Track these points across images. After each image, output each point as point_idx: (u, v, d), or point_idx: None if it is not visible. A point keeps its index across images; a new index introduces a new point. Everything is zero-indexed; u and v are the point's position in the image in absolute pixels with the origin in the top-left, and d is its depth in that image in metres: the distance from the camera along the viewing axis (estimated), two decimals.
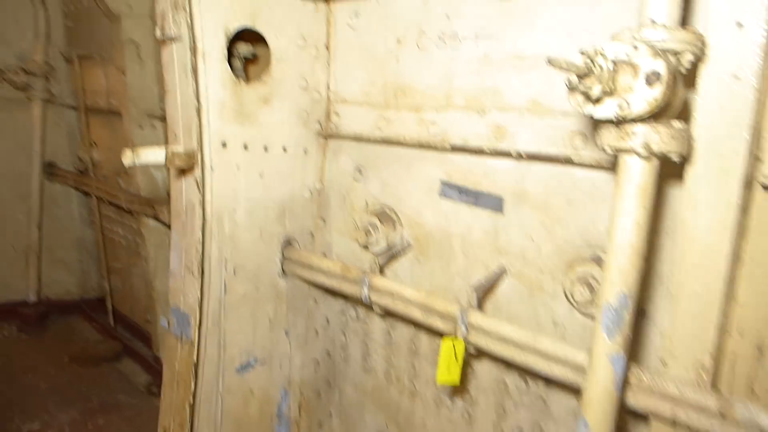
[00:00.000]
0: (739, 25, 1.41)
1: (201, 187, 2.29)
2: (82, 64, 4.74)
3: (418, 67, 2.38)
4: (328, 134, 2.75)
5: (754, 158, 1.54)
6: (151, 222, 4.16)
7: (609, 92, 1.30)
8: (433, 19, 2.29)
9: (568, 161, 1.94)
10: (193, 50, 2.15)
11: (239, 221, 2.52)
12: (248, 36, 2.48)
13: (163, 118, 4.08)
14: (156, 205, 3.88)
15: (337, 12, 2.64)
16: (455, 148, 2.26)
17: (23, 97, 4.94)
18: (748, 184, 1.54)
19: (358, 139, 2.63)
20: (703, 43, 1.41)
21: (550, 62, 1.21)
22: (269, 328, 2.75)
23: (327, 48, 2.70)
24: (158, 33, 2.14)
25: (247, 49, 2.66)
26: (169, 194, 3.64)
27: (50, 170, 5.24)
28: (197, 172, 2.26)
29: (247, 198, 2.53)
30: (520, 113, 2.07)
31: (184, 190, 2.34)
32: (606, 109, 1.34)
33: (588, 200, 1.99)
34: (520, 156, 2.07)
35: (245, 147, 2.48)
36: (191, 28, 2.14)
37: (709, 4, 1.42)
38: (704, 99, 1.47)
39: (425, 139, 2.36)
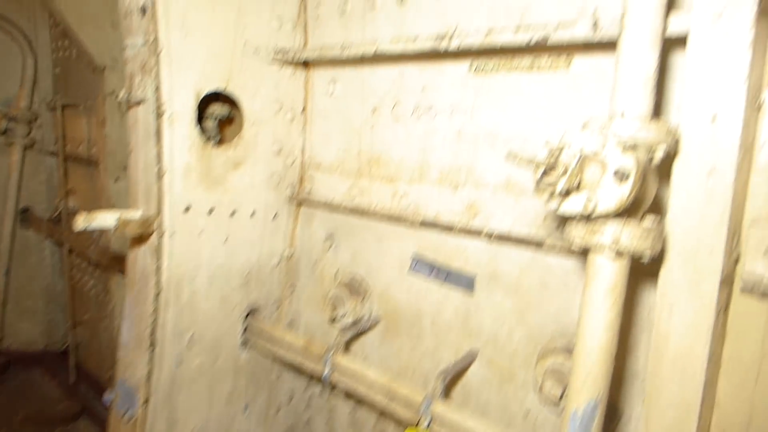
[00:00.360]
0: (714, 118, 1.34)
1: (158, 254, 2.17)
2: (67, 112, 4.69)
3: (393, 137, 2.31)
4: (300, 200, 2.66)
5: (732, 257, 1.45)
6: (120, 277, 3.99)
7: (575, 188, 1.22)
8: (409, 90, 2.24)
9: (541, 245, 1.85)
10: (158, 113, 2.08)
11: (199, 289, 2.39)
12: (225, 96, 2.43)
13: None
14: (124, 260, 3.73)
15: (315, 78, 2.60)
16: (428, 223, 2.17)
17: (4, 142, 4.86)
18: (726, 283, 1.44)
19: (331, 206, 2.54)
20: (676, 136, 1.34)
21: (509, 157, 1.13)
22: (226, 403, 2.57)
23: (304, 112, 2.65)
24: (122, 95, 2.06)
25: (221, 110, 2.60)
26: None
27: (25, 216, 5.10)
28: (154, 238, 2.15)
29: (210, 264, 2.41)
30: (494, 191, 1.99)
31: (139, 257, 2.22)
32: (572, 205, 1.25)
33: (562, 287, 1.88)
34: (492, 236, 1.97)
35: (210, 212, 2.38)
36: (157, 91, 2.07)
37: (683, 96, 1.36)
38: (678, 194, 1.39)
39: (398, 212, 2.27)
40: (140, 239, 2.17)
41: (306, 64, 2.59)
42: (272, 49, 2.46)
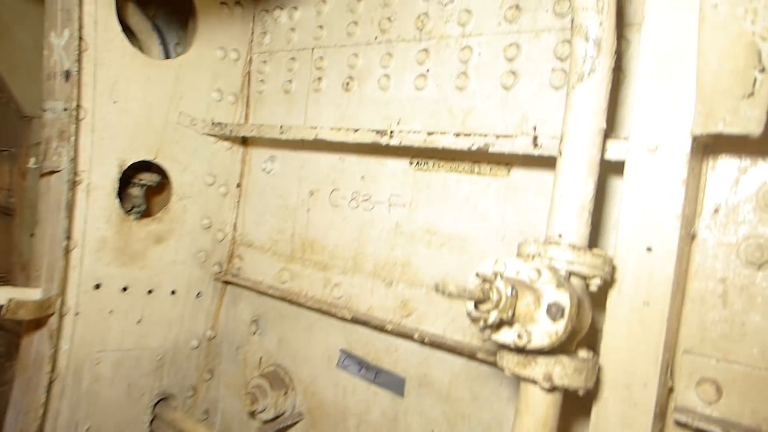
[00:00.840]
0: (649, 249, 1.31)
1: (56, 337, 1.94)
2: None
3: (329, 223, 2.21)
4: (228, 278, 2.49)
5: (665, 389, 1.40)
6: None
7: (508, 320, 1.14)
8: (348, 177, 2.16)
9: (472, 356, 1.75)
10: (72, 184, 1.91)
11: (103, 375, 2.15)
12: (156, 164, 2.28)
13: None
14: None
15: (254, 154, 2.50)
16: (359, 318, 2.04)
17: None
18: (660, 418, 1.38)
19: (260, 288, 2.37)
20: (612, 266, 1.30)
21: (438, 288, 1.04)
22: None
23: (239, 187, 2.52)
24: (31, 162, 1.89)
25: (151, 178, 2.45)
26: None
27: None
28: (53, 320, 1.92)
29: (118, 347, 2.19)
30: (429, 292, 1.91)
31: (34, 340, 1.98)
32: (504, 336, 1.17)
33: (494, 398, 1.78)
34: (425, 339, 1.87)
35: (124, 289, 2.18)
36: (74, 160, 1.91)
37: (618, 226, 1.33)
38: (613, 325, 1.33)
39: (329, 302, 2.14)
40: (37, 322, 1.94)
41: (245, 140, 2.49)
42: (209, 122, 2.36)
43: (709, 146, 1.40)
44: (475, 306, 1.13)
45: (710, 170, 1.44)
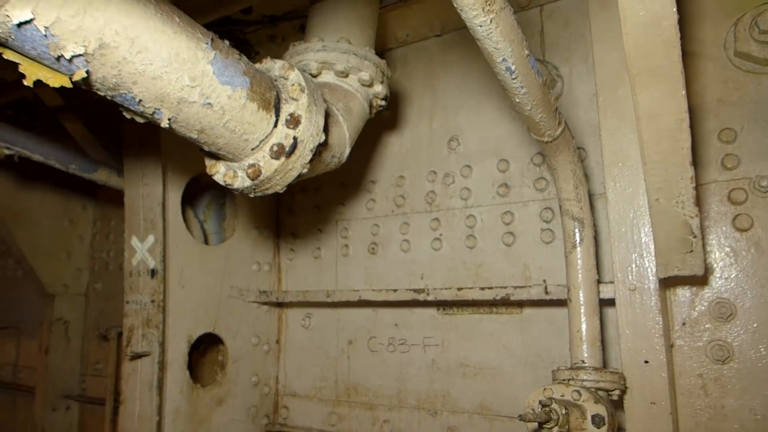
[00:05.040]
0: (646, 362, 1.80)
1: None
2: None
3: (370, 367, 2.60)
4: (276, 429, 2.77)
5: None
6: None
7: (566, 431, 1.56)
8: (383, 326, 2.59)
9: None
10: (161, 365, 2.25)
11: None
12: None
13: (79, 399, 3.85)
14: None
15: (290, 312, 2.90)
16: None
17: None
18: None
19: None
20: (624, 379, 1.77)
21: (522, 418, 1.47)
22: None
23: (278, 343, 2.89)
24: (127, 348, 2.22)
25: (199, 346, 2.78)
26: None
27: None
28: None
29: None
30: (470, 416, 2.29)
31: None
32: None
33: None
34: None
35: None
36: (162, 344, 2.26)
37: (621, 347, 1.82)
38: (632, 423, 1.77)
39: None
40: None
41: (281, 303, 2.90)
42: (255, 291, 2.77)
43: (670, 282, 1.95)
44: (540, 426, 1.55)
45: (674, 296, 1.99)
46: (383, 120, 2.68)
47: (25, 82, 1.03)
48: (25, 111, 3.31)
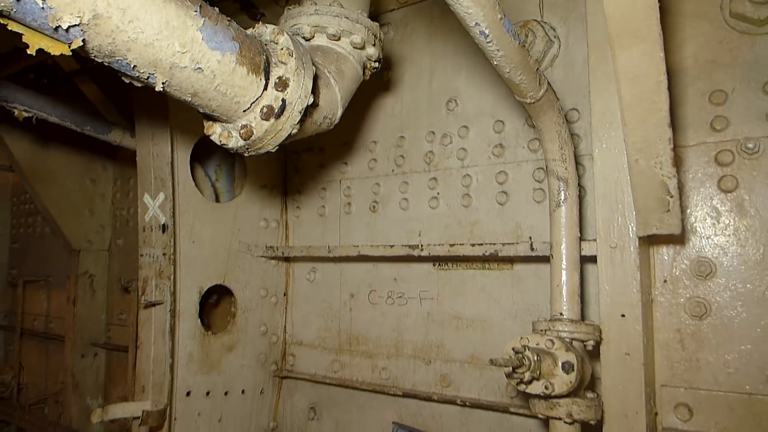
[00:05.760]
0: (623, 315, 1.89)
1: None
2: (25, 287, 4.80)
3: (370, 318, 2.74)
4: (283, 375, 2.96)
5: (652, 414, 1.92)
6: None
7: (536, 377, 1.68)
8: (382, 280, 2.72)
9: (505, 410, 2.26)
10: (173, 313, 2.42)
11: None
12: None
13: (106, 347, 4.12)
14: None
15: (296, 267, 3.04)
16: (406, 394, 2.53)
17: None
18: None
19: (315, 379, 2.85)
20: (599, 331, 1.87)
21: (492, 362, 1.59)
22: None
23: (285, 296, 3.04)
24: (142, 298, 2.39)
25: (211, 297, 2.95)
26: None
27: None
28: (165, 426, 2.36)
29: None
30: (462, 365, 2.42)
31: None
32: (535, 388, 1.70)
33: None
34: (464, 403, 2.37)
35: (207, 394, 2.63)
36: (173, 294, 2.42)
37: (599, 302, 1.90)
38: (606, 372, 1.88)
39: (378, 383, 2.63)
40: (151, 430, 2.37)
41: (288, 258, 3.04)
42: (262, 246, 2.91)
43: (652, 240, 2.02)
44: (513, 370, 1.67)
45: (656, 254, 2.05)
46: (384, 82, 2.74)
47: (29, 51, 1.13)
48: (46, 75, 3.44)
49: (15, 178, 5.19)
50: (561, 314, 1.86)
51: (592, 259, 1.99)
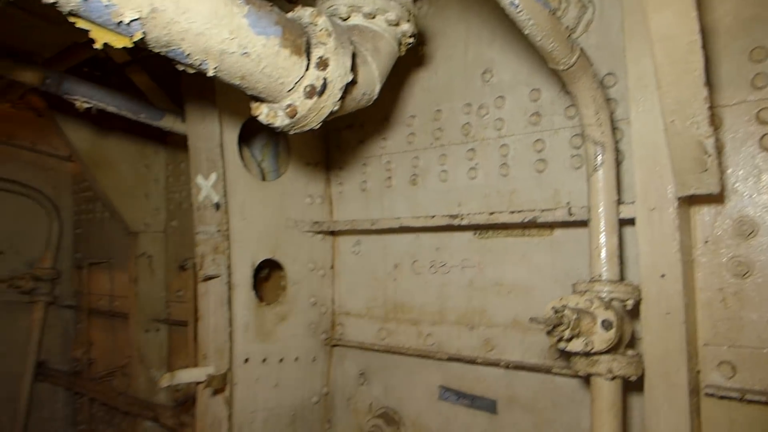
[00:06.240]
0: (663, 276, 1.91)
1: (230, 402, 2.55)
2: (90, 269, 5.14)
3: (414, 287, 2.84)
4: (333, 343, 3.11)
5: (694, 372, 1.96)
6: (149, 424, 4.22)
7: (576, 334, 1.74)
8: (425, 250, 2.81)
9: (548, 371, 2.33)
10: (229, 286, 2.58)
11: (256, 430, 2.74)
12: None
13: (167, 322, 4.39)
14: (158, 408, 4.00)
15: (341, 241, 3.17)
16: (451, 358, 2.63)
17: (27, 300, 5.20)
18: (694, 392, 1.94)
19: (362, 347, 2.99)
20: (639, 291, 1.91)
21: (533, 320, 1.66)
22: None
23: (332, 269, 3.18)
24: (200, 272, 2.56)
25: (263, 272, 3.11)
26: (176, 399, 3.82)
27: (40, 370, 5.30)
28: (227, 389, 2.55)
29: (264, 408, 2.78)
30: (504, 330, 2.50)
31: (211, 406, 2.59)
32: (575, 346, 1.77)
33: (570, 403, 2.34)
34: (507, 365, 2.45)
35: (264, 361, 2.80)
36: (229, 267, 2.58)
37: (639, 262, 1.94)
38: (647, 330, 1.92)
39: (424, 349, 2.74)
40: (215, 391, 2.56)
41: (333, 231, 3.16)
42: (309, 222, 3.04)
43: (692, 201, 2.02)
44: (553, 329, 1.74)
45: (697, 215, 2.06)
46: (419, 56, 2.79)
47: (95, 46, 1.26)
48: (98, 68, 3.64)
49: (74, 167, 5.50)
50: (600, 276, 1.90)
51: (631, 222, 2.02)
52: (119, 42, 1.28)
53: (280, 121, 1.71)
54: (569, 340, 1.77)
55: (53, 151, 5.42)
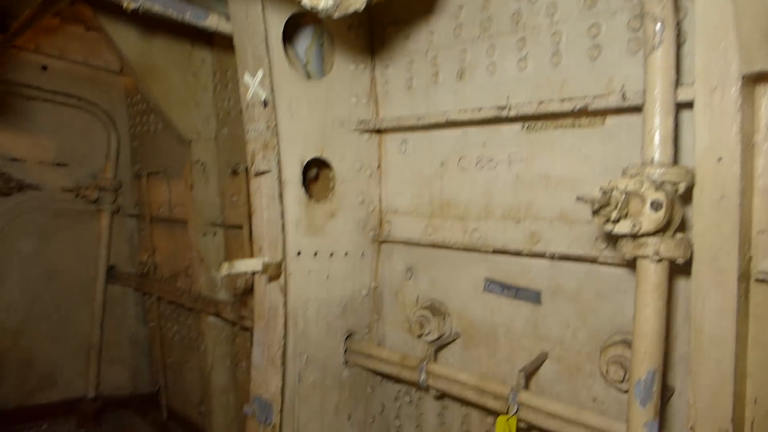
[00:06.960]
0: (720, 159, 1.85)
1: (284, 290, 2.72)
2: (148, 179, 5.39)
3: (460, 184, 2.86)
4: (381, 240, 3.20)
5: (746, 258, 1.94)
6: (211, 319, 4.55)
7: (624, 216, 1.74)
8: (471, 146, 2.80)
9: (594, 261, 2.35)
10: (280, 180, 2.66)
11: (309, 318, 2.92)
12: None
13: (223, 226, 4.61)
14: (220, 303, 4.30)
15: (388, 140, 3.18)
16: (496, 251, 2.68)
17: (94, 210, 5.54)
18: (743, 278, 1.92)
19: (410, 243, 3.08)
20: (692, 175, 1.86)
21: (579, 198, 1.66)
22: (334, 414, 3.07)
23: (379, 168, 3.22)
24: (252, 169, 2.65)
25: (311, 172, 3.19)
26: (235, 294, 4.07)
27: (111, 273, 5.73)
28: (282, 278, 2.70)
29: (316, 298, 2.95)
30: (551, 222, 2.51)
31: (268, 294, 2.77)
32: (622, 227, 1.77)
33: (614, 292, 2.38)
34: (552, 257, 2.48)
35: (315, 254, 2.93)
36: (279, 163, 2.66)
37: (695, 145, 1.88)
38: (699, 215, 1.89)
39: (469, 243, 2.80)
40: (269, 280, 2.72)
41: (379, 130, 3.17)
42: (355, 121, 3.05)
43: (758, 79, 1.91)
44: (600, 209, 1.74)
45: (763, 98, 1.95)
46: None
47: None
48: None
49: (126, 81, 5.63)
50: (652, 159, 1.86)
51: (689, 106, 1.93)
52: None
53: (324, 3, 1.69)
54: (616, 221, 1.77)
55: (106, 66, 5.53)
